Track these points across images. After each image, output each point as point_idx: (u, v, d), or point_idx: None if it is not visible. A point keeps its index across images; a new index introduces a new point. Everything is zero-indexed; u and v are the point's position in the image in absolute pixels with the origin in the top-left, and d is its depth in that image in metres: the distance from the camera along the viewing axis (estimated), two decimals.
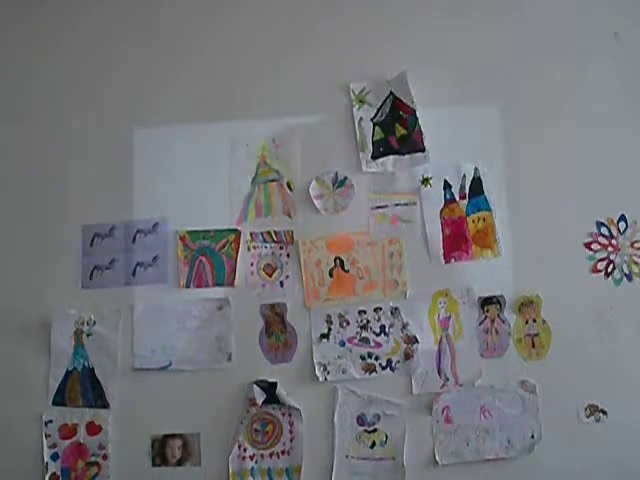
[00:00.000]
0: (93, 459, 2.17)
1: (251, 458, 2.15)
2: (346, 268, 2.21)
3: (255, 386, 2.13)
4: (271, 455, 2.15)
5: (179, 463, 2.16)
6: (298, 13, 2.33)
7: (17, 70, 2.37)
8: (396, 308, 2.18)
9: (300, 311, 2.20)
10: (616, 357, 2.13)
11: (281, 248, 2.23)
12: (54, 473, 2.17)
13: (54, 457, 2.17)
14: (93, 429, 2.17)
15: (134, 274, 2.24)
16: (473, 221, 2.22)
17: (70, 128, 2.32)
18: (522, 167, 2.21)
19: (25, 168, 2.31)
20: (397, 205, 2.23)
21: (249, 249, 2.24)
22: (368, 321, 2.18)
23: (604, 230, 2.19)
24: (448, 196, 2.23)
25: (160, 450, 2.17)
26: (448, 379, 2.14)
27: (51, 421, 2.18)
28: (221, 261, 2.23)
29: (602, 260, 2.18)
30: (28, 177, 2.31)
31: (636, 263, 2.18)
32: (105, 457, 2.16)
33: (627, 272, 2.18)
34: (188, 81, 2.32)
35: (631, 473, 2.10)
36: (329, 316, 2.19)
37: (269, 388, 2.14)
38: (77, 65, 2.36)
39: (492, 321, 2.16)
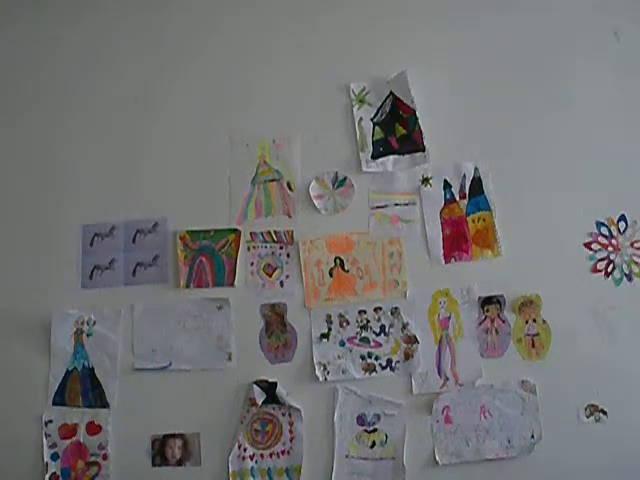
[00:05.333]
0: (93, 459, 2.17)
1: (251, 458, 2.15)
2: (346, 268, 2.21)
3: (255, 386, 2.13)
4: (271, 455, 2.15)
5: (179, 463, 2.16)
6: (298, 13, 2.33)
7: (16, 70, 2.37)
8: (396, 308, 2.18)
9: (300, 311, 2.19)
10: (616, 357, 2.13)
11: (281, 248, 2.23)
12: (54, 473, 2.17)
13: (54, 457, 2.17)
14: (93, 429, 2.17)
15: (134, 274, 2.24)
16: (473, 221, 2.22)
17: (70, 128, 2.32)
18: (522, 167, 2.22)
19: (25, 168, 2.31)
20: (397, 205, 2.23)
21: (249, 249, 2.24)
22: (368, 321, 2.18)
23: (604, 230, 2.19)
24: (448, 196, 2.23)
25: (160, 450, 2.16)
26: (448, 379, 2.14)
27: (51, 421, 2.18)
28: (221, 261, 2.23)
29: (602, 260, 2.18)
30: (28, 177, 2.31)
31: (636, 263, 2.18)
32: (105, 457, 2.16)
33: (627, 272, 2.18)
34: (188, 81, 2.32)
35: (631, 473, 2.10)
36: (329, 316, 2.18)
37: (269, 388, 2.14)
38: (76, 64, 2.36)
39: (492, 321, 2.16)
